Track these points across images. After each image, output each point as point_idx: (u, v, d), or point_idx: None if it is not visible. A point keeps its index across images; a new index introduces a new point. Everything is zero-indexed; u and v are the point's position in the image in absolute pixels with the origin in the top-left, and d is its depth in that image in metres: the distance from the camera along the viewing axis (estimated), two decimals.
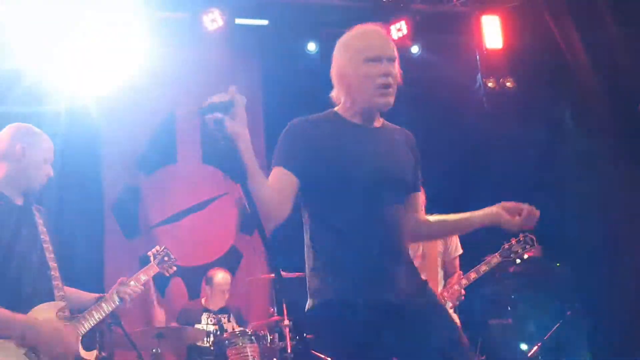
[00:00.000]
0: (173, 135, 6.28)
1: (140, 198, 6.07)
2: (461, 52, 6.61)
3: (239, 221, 6.29)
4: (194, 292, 5.72)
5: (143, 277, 3.07)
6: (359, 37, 2.18)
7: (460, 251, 3.94)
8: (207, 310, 5.27)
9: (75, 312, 2.77)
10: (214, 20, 5.71)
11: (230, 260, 6.14)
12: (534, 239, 3.65)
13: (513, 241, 3.69)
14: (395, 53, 2.18)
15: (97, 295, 2.95)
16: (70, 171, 5.82)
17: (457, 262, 3.99)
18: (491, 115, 6.35)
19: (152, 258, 3.16)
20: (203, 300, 5.36)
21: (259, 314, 5.73)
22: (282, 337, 4.83)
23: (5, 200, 2.60)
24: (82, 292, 2.97)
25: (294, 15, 6.30)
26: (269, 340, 4.69)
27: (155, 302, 4.93)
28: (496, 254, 3.72)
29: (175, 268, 3.19)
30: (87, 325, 2.72)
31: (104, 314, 2.81)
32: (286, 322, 4.73)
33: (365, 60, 2.10)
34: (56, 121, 5.66)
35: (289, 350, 4.66)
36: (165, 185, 6.16)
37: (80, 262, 5.60)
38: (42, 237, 2.67)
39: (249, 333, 4.55)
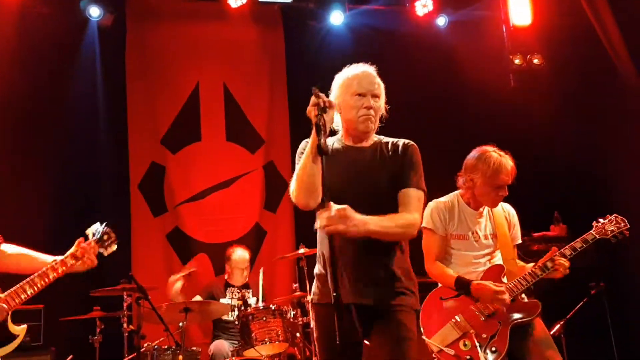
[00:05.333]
0: (197, 113, 6.32)
1: (166, 176, 6.14)
2: (488, 28, 6.48)
3: (263, 199, 6.34)
4: (219, 269, 5.80)
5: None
6: (351, 76, 2.65)
7: (519, 241, 3.57)
8: (230, 285, 5.37)
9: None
10: None
11: (255, 238, 6.21)
12: (625, 220, 3.38)
13: (606, 220, 3.41)
14: (379, 91, 2.63)
15: (50, 260, 2.82)
16: (99, 148, 5.95)
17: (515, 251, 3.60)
18: (518, 92, 6.24)
19: (90, 235, 2.98)
20: (226, 277, 5.45)
21: (283, 289, 5.80)
22: (304, 313, 4.89)
23: None
24: (40, 255, 2.85)
25: None
26: (292, 315, 4.74)
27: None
28: (590, 231, 3.41)
29: (115, 247, 3.01)
30: (17, 300, 2.65)
31: (36, 289, 2.70)
32: (309, 297, 4.77)
33: (353, 94, 2.60)
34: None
35: (311, 325, 4.71)
36: (190, 163, 6.21)
37: None
38: None
39: (273, 308, 4.62)
